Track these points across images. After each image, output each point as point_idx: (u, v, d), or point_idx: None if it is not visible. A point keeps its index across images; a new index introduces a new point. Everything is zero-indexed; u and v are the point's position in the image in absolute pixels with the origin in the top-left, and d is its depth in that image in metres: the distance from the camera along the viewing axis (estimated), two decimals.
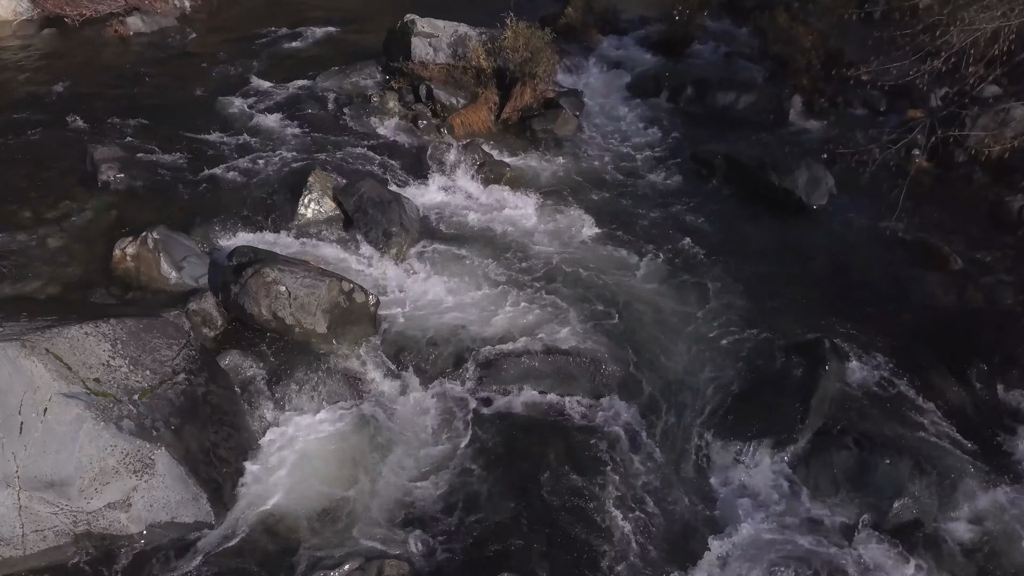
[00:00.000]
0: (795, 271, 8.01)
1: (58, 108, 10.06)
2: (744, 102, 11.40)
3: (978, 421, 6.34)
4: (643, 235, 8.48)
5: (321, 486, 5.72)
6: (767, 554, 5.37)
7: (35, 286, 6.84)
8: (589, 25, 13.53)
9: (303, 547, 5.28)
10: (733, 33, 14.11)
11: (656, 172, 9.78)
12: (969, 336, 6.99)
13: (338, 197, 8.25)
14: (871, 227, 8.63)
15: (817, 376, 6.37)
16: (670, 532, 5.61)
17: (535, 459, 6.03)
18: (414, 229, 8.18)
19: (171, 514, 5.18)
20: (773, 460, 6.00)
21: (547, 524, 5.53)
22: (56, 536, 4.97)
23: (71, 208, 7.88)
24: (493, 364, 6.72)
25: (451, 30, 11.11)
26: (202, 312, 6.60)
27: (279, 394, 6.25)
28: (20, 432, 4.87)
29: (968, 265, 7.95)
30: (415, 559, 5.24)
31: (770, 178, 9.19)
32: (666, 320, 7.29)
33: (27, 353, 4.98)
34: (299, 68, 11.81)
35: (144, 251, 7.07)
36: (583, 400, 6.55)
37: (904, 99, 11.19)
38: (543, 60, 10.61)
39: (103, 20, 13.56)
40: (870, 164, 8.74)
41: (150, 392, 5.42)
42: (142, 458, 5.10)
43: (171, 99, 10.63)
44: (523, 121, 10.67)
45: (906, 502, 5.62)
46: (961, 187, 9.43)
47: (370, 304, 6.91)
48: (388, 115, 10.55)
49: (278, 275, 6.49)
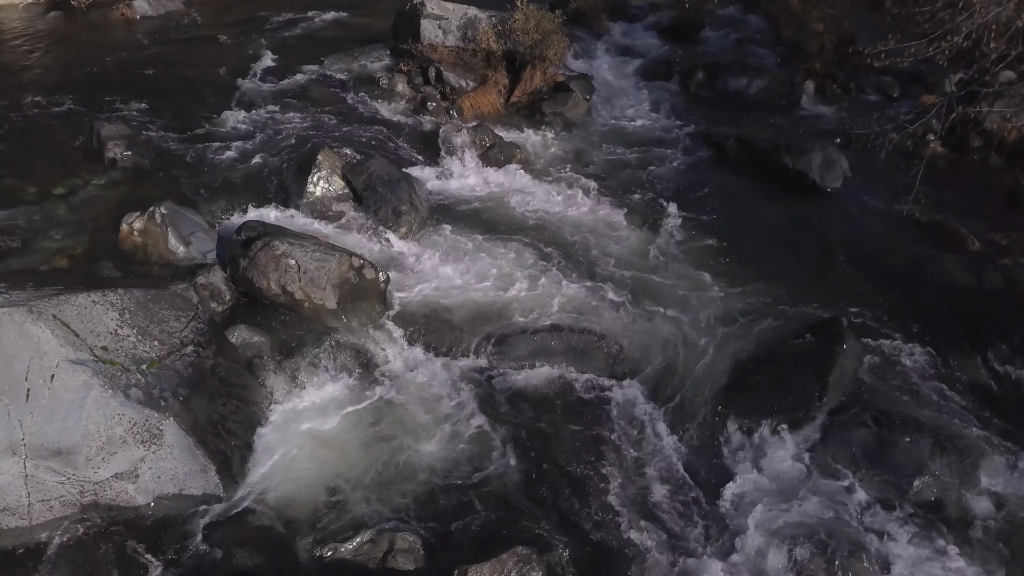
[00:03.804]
0: (811, 252, 7.90)
1: (64, 89, 10.00)
2: (756, 87, 11.29)
3: (998, 400, 6.21)
4: (655, 215, 8.38)
5: (330, 460, 5.64)
6: (785, 533, 5.25)
7: (42, 259, 6.78)
8: (599, 10, 13.44)
9: (312, 521, 5.20)
10: (743, 19, 14.00)
11: (668, 154, 9.67)
12: (987, 316, 6.86)
13: (347, 175, 8.16)
14: (887, 209, 8.51)
15: (835, 354, 6.24)
16: (684, 510, 5.49)
17: (547, 435, 5.93)
18: (424, 208, 8.09)
19: (179, 486, 5.10)
20: (791, 438, 5.88)
21: (559, 500, 5.44)
22: (62, 506, 4.90)
23: (77, 184, 7.84)
24: (505, 341, 6.63)
25: (461, 12, 11.01)
26: (210, 286, 6.51)
27: (288, 368, 6.16)
28: (27, 399, 4.79)
29: (985, 246, 7.83)
30: (426, 533, 5.14)
31: (784, 160, 9.08)
32: (680, 299, 7.18)
33: (34, 319, 4.90)
34: (307, 51, 11.72)
35: (151, 226, 7.00)
36: (597, 377, 6.44)
37: (918, 85, 11.09)
38: (553, 43, 10.52)
39: (109, 3, 13.54)
40: (885, 147, 8.62)
41: (158, 362, 5.34)
42: (150, 428, 5.01)
43: (178, 80, 10.55)
44: (533, 104, 10.58)
45: (927, 480, 5.50)
46: (977, 171, 9.32)
47: (380, 280, 6.81)
48: (397, 97, 10.48)
49: (288, 248, 6.40)
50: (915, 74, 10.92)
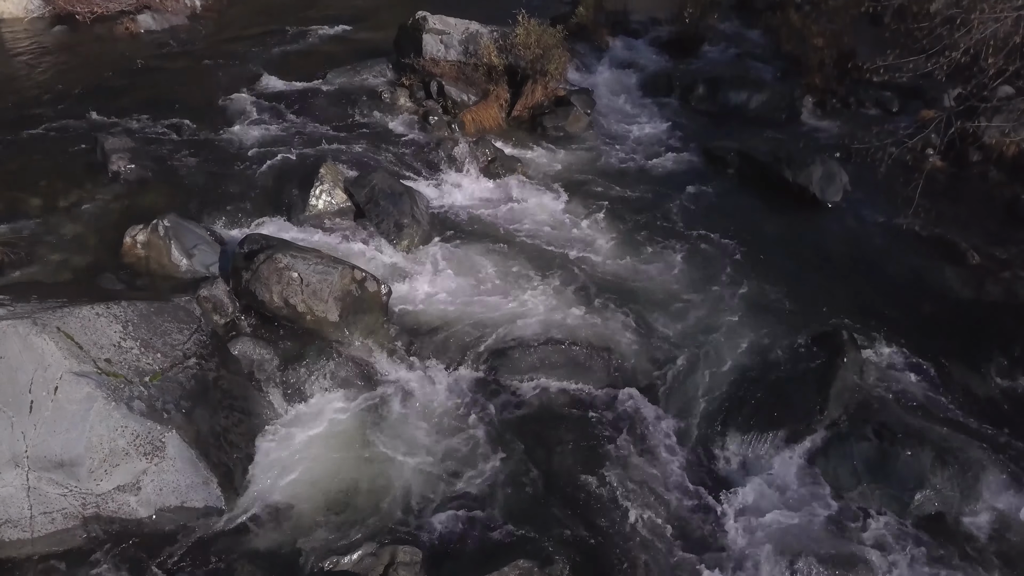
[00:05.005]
0: (811, 265, 7.94)
1: (69, 102, 10.08)
2: (756, 101, 11.36)
3: (998, 413, 6.23)
4: (656, 228, 8.42)
5: (332, 473, 5.64)
6: (787, 545, 5.25)
7: (46, 272, 6.80)
8: (600, 25, 13.52)
9: (314, 533, 5.20)
10: (743, 34, 14.10)
11: (668, 167, 9.72)
12: (988, 329, 6.90)
13: (349, 189, 8.20)
14: (887, 223, 8.56)
15: (835, 367, 6.27)
16: (686, 523, 5.49)
17: (549, 448, 5.93)
18: (425, 221, 8.12)
19: (181, 498, 5.10)
20: (792, 451, 5.90)
21: (561, 512, 5.44)
22: (64, 519, 4.90)
23: (81, 197, 7.87)
24: (506, 354, 6.64)
25: (462, 27, 11.09)
26: (213, 298, 6.53)
27: (290, 381, 6.18)
28: (30, 411, 4.80)
29: (985, 260, 7.86)
30: (428, 545, 5.14)
31: (784, 174, 9.13)
32: (681, 312, 7.20)
33: (38, 331, 4.93)
34: (310, 65, 11.80)
35: (154, 238, 7.02)
36: (598, 390, 6.46)
37: (917, 100, 11.17)
38: (555, 58, 10.59)
39: (114, 18, 13.63)
40: (885, 161, 8.68)
41: (161, 375, 5.35)
42: (152, 440, 5.02)
43: (182, 94, 10.61)
44: (534, 118, 10.67)
45: (928, 493, 5.51)
46: (976, 185, 9.37)
47: (382, 293, 6.84)
48: (399, 111, 10.54)
49: (290, 261, 6.42)
50: (914, 89, 11.00)
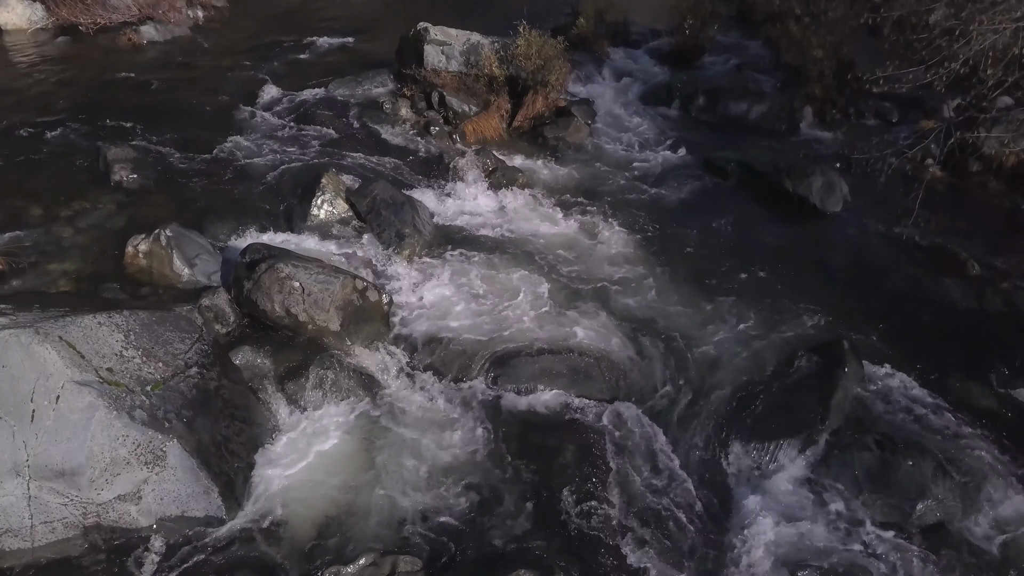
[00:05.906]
0: (811, 275, 7.95)
1: (72, 112, 10.10)
2: (756, 112, 11.42)
3: (999, 423, 6.22)
4: (657, 238, 8.45)
5: (333, 483, 5.62)
6: (789, 556, 5.25)
7: (48, 281, 6.81)
8: (600, 36, 13.59)
9: (316, 543, 5.18)
10: (743, 45, 14.18)
11: (669, 178, 9.75)
12: (988, 339, 6.92)
13: (351, 199, 8.23)
14: (886, 233, 8.58)
15: (836, 377, 6.28)
16: (687, 533, 5.48)
17: (550, 458, 5.92)
18: (427, 231, 8.14)
19: (182, 508, 5.10)
20: (793, 461, 5.89)
21: (562, 522, 5.42)
22: (65, 528, 4.89)
23: (84, 207, 7.89)
24: (507, 364, 6.64)
25: (464, 38, 11.16)
26: (215, 308, 6.55)
27: (291, 390, 6.16)
28: (32, 420, 4.80)
29: (985, 270, 7.89)
30: (429, 556, 5.13)
31: (784, 184, 9.17)
32: (682, 322, 7.22)
33: (40, 340, 4.93)
34: (311, 76, 11.86)
35: (157, 248, 7.04)
36: (599, 401, 6.45)
37: (917, 110, 11.23)
38: (555, 68, 10.64)
39: (116, 29, 13.66)
40: (884, 171, 8.72)
41: (162, 384, 5.36)
42: (154, 449, 5.02)
43: (184, 104, 10.66)
44: (535, 129, 10.71)
45: (929, 504, 5.50)
46: (976, 195, 9.40)
47: (384, 303, 6.86)
48: (400, 122, 10.59)
49: (292, 271, 6.44)
50: (914, 100, 11.05)
